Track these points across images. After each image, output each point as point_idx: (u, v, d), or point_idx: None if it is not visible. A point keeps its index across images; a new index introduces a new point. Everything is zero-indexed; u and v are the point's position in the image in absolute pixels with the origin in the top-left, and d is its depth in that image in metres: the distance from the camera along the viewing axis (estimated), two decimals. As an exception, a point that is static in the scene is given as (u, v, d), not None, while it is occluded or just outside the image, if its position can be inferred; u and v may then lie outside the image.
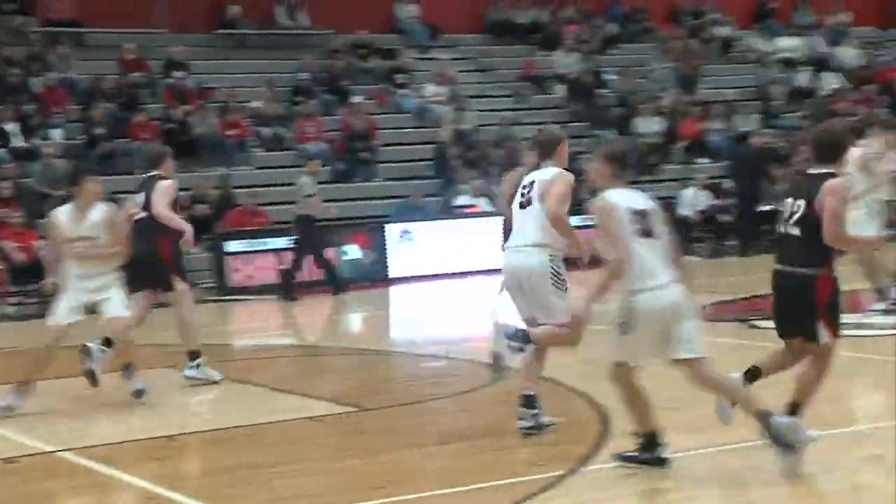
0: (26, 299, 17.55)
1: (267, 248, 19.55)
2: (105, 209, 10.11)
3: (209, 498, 7.16)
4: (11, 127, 21.18)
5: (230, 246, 19.35)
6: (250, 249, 19.54)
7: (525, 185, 8.23)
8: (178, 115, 22.27)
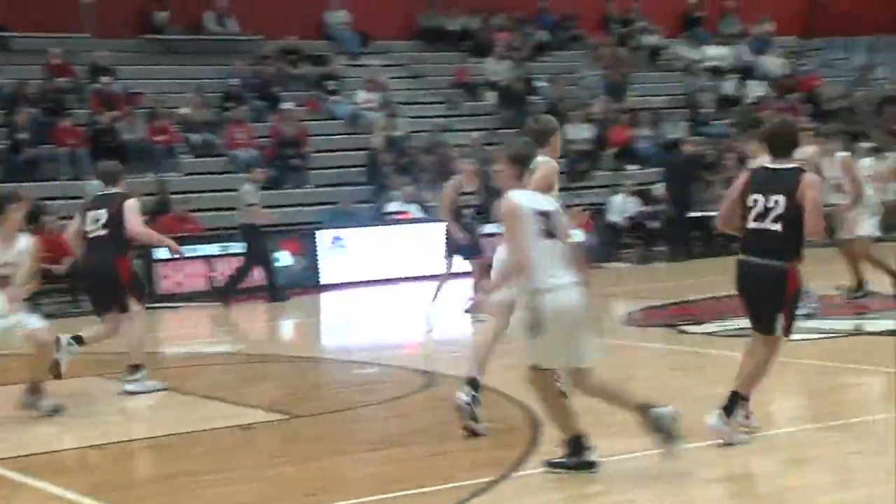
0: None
1: (197, 254, 19.42)
2: (28, 239, 10.00)
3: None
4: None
5: (159, 253, 19.20)
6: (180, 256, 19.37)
7: None
8: (105, 121, 22.07)
